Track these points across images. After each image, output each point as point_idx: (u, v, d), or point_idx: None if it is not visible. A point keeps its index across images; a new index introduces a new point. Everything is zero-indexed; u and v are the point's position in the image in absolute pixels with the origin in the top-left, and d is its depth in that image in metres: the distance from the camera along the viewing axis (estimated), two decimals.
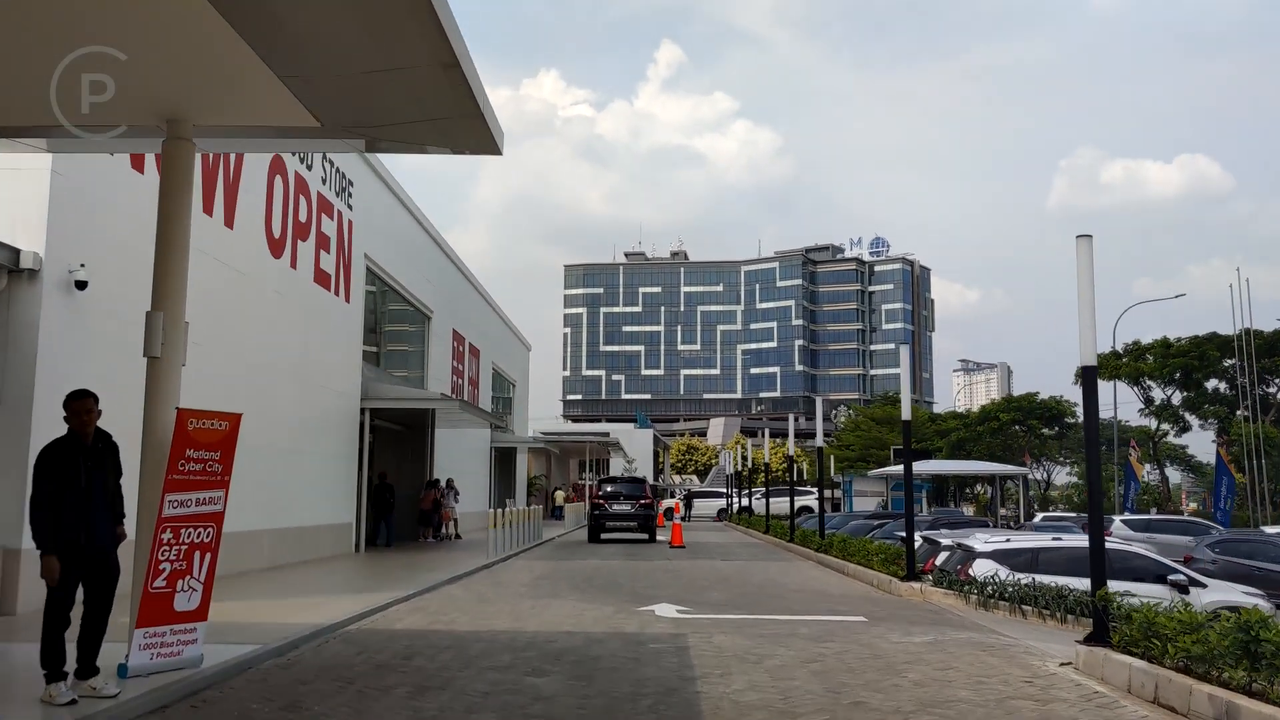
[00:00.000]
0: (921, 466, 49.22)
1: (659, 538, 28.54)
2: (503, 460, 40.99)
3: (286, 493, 16.50)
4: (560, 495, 49.94)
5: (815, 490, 49.41)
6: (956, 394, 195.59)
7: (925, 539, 16.48)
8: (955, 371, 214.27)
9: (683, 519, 49.46)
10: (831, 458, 54.21)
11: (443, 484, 26.06)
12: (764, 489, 34.72)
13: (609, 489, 27.58)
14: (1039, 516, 36.28)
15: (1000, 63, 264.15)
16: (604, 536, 26.88)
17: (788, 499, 46.69)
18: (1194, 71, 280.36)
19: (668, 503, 50.70)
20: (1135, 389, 43.55)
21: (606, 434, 52.28)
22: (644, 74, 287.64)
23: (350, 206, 19.78)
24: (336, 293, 18.97)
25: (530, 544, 24.01)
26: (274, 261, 15.92)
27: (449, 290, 29.87)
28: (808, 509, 43.60)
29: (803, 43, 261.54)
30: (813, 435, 30.99)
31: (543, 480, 50.68)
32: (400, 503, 25.86)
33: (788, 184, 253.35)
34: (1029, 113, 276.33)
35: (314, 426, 17.97)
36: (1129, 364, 43.12)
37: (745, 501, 44.70)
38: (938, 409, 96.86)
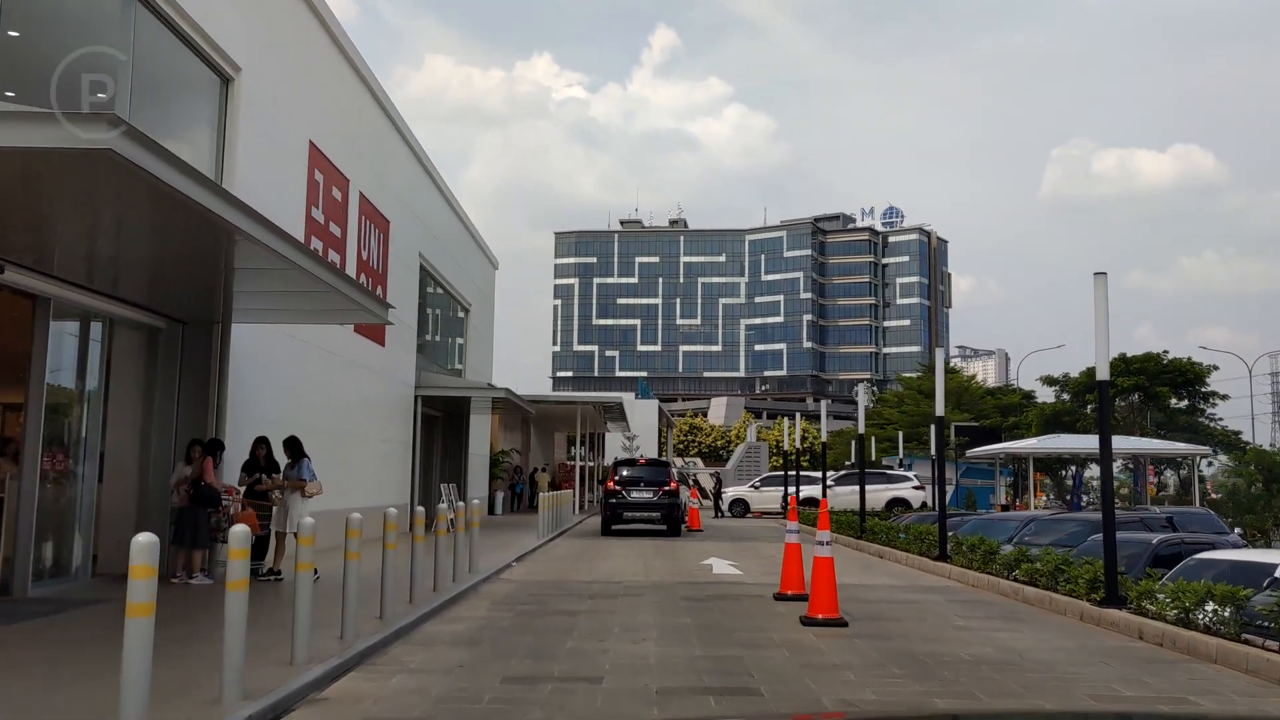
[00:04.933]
0: (1047, 443, 35.17)
1: (753, 580, 14.41)
2: (448, 424, 26.25)
3: None
4: (545, 479, 35.05)
5: (912, 476, 35.44)
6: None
7: None
8: (952, 358, 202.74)
9: (713, 512, 34.72)
10: (873, 438, 40.27)
11: (216, 448, 11.46)
12: (934, 471, 16.85)
13: (626, 473, 23.74)
14: None
15: (994, 53, 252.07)
16: (620, 528, 23.42)
17: (881, 487, 32.84)
18: (1189, 62, 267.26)
19: (760, 494, 35.14)
20: None
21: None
22: (638, 58, 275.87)
23: None
24: None
25: (440, 601, 9.29)
26: None
27: (307, 70, 15.03)
28: (902, 502, 30.76)
29: (801, 31, 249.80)
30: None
31: (514, 456, 35.58)
32: (154, 490, 11.31)
33: (783, 168, 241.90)
34: (1021, 102, 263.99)
35: None
36: None
37: (801, 490, 30.06)
38: None
